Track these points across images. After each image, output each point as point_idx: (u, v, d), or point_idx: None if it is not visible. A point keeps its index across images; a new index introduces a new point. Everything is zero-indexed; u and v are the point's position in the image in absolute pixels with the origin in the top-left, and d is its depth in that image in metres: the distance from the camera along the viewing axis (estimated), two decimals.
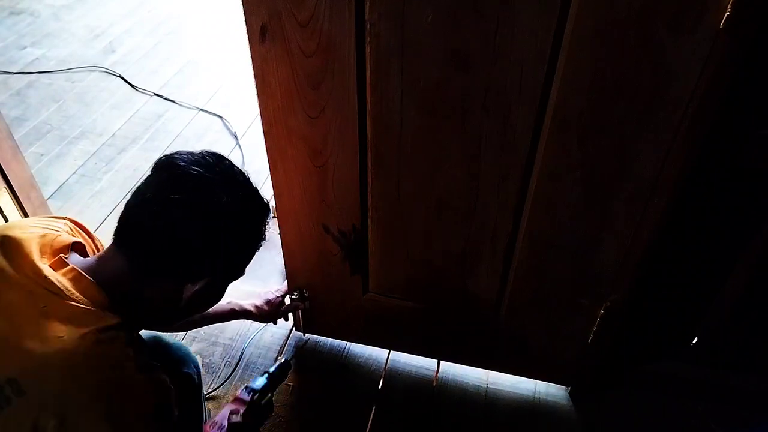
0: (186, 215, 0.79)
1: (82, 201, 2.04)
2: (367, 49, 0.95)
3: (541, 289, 1.22)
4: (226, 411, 1.07)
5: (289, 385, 1.47)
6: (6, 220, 1.47)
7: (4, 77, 2.63)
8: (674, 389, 1.45)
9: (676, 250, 1.16)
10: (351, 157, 1.10)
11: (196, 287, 0.84)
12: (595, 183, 1.02)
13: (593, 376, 1.40)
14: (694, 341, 1.35)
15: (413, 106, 1.00)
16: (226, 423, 1.03)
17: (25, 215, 1.53)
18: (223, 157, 0.87)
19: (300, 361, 1.53)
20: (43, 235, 0.82)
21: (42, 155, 2.21)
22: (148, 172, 0.83)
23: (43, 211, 1.60)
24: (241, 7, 0.95)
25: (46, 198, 1.72)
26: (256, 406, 1.08)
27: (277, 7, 0.93)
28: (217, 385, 1.46)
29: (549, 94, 0.93)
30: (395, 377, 1.51)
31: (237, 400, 1.09)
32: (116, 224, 0.82)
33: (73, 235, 0.89)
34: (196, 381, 1.13)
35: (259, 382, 1.13)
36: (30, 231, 0.82)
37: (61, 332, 0.71)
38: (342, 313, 1.44)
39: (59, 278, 0.76)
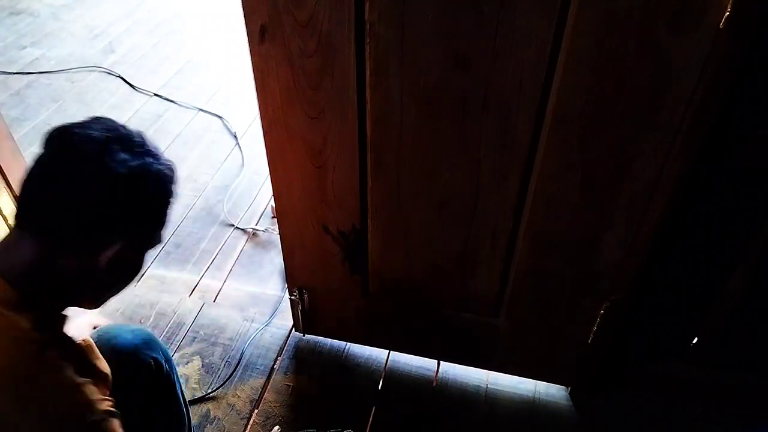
0: (86, 182, 0.77)
1: None
2: (367, 49, 0.95)
3: (541, 289, 1.22)
4: None
5: (289, 386, 1.47)
6: (6, 220, 1.47)
7: (3, 77, 2.63)
8: (674, 389, 1.45)
9: (676, 250, 1.16)
10: (351, 157, 1.10)
11: (110, 254, 0.82)
12: (595, 183, 1.02)
13: (593, 376, 1.40)
14: (694, 341, 1.35)
15: (413, 106, 1.00)
16: None
17: None
18: (116, 122, 0.84)
19: (300, 362, 1.53)
20: None
21: None
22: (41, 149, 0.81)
23: None
24: (241, 7, 0.95)
25: None
26: None
27: (276, 6, 0.93)
28: (218, 385, 1.46)
29: (549, 94, 0.93)
30: (395, 377, 1.51)
31: None
32: (16, 206, 0.80)
33: None
34: (165, 370, 1.09)
35: None
36: None
37: None
38: (342, 314, 1.44)
39: None
